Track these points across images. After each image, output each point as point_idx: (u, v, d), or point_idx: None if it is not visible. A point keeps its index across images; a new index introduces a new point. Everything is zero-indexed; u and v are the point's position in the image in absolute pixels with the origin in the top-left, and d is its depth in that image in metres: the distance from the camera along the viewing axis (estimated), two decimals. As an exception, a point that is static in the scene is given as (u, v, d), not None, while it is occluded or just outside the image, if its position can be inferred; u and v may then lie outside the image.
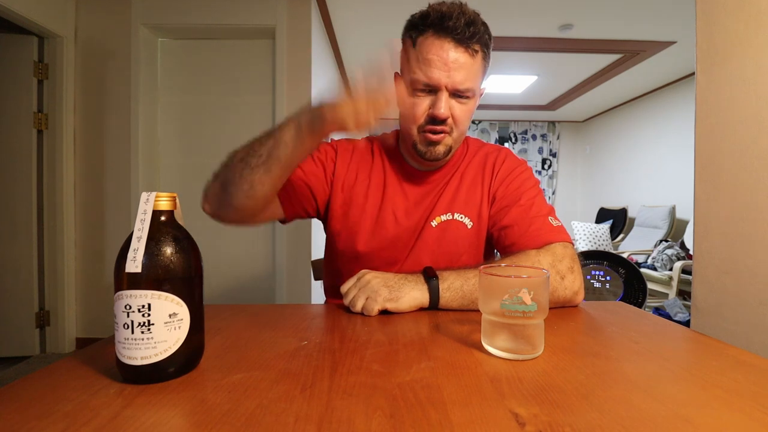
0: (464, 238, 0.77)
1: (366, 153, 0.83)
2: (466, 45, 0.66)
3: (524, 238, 0.69)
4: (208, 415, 0.30)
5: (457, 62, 0.66)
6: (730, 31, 1.05)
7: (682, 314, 2.30)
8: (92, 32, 2.16)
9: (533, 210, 0.72)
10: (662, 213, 3.75)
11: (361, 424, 0.29)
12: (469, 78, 0.67)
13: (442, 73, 0.66)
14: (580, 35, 2.86)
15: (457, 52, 0.65)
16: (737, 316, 1.04)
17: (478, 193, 0.78)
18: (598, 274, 2.27)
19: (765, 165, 0.97)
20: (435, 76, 0.66)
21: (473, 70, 0.68)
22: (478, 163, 0.81)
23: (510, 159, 0.81)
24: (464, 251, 0.77)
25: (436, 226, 0.77)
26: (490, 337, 0.43)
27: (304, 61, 2.17)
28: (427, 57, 0.66)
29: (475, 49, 0.67)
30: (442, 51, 0.66)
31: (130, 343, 0.34)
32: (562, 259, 0.64)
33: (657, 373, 0.38)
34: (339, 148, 0.82)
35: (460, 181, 0.80)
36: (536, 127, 5.75)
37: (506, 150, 0.84)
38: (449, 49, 0.65)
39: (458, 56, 0.66)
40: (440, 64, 0.66)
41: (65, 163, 2.12)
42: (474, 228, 0.77)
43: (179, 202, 0.40)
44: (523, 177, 0.78)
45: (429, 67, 0.66)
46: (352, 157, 0.81)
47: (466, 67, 0.66)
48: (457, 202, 0.78)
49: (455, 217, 0.77)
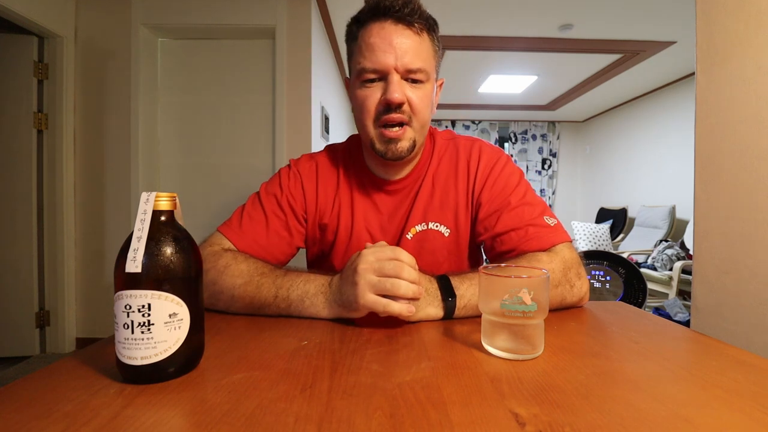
0: (442, 248, 0.73)
1: (330, 169, 0.77)
2: (407, 22, 0.62)
3: (524, 244, 0.65)
4: (208, 415, 0.30)
5: (402, 42, 0.62)
6: (730, 31, 1.05)
7: (682, 314, 2.30)
8: (92, 32, 2.16)
9: (527, 212, 0.67)
10: (662, 213, 3.75)
11: (361, 424, 0.29)
12: (419, 56, 0.63)
13: (388, 55, 0.62)
14: (580, 35, 2.87)
15: (400, 31, 0.62)
16: (737, 316, 1.04)
17: (452, 197, 0.73)
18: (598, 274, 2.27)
19: (765, 165, 0.97)
20: (381, 60, 0.62)
21: (422, 49, 0.64)
22: (449, 161, 0.76)
23: (486, 154, 0.75)
24: (444, 260, 0.74)
25: (412, 238, 0.73)
26: (490, 337, 0.43)
27: (304, 61, 2.17)
28: (369, 42, 0.63)
29: (419, 27, 0.63)
30: (383, 31, 0.62)
31: (130, 343, 0.34)
32: (571, 267, 0.61)
33: (657, 373, 0.38)
34: (302, 173, 0.76)
35: (432, 185, 0.74)
36: (536, 127, 5.75)
37: (479, 143, 0.77)
38: (390, 29, 0.62)
39: (402, 35, 0.62)
40: (384, 45, 0.62)
41: (65, 163, 2.12)
42: (452, 236, 0.73)
43: (179, 202, 0.40)
44: (506, 173, 0.73)
45: (373, 52, 0.62)
46: (317, 178, 0.76)
47: (414, 46, 0.63)
48: (431, 210, 0.73)
49: (430, 226, 0.73)
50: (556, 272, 0.59)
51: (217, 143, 2.29)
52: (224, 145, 2.29)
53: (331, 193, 0.76)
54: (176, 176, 2.31)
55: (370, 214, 0.74)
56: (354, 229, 0.74)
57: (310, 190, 0.75)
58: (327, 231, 0.75)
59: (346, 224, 0.74)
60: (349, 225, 0.74)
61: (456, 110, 5.27)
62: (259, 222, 0.71)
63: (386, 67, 0.62)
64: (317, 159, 0.78)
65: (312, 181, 0.76)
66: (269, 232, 0.71)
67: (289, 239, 0.73)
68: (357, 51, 0.66)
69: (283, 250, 0.72)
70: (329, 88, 2.96)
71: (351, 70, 0.69)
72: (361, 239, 0.73)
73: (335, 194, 0.76)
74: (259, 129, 2.27)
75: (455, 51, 3.23)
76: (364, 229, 0.74)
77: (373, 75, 0.64)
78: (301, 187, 0.75)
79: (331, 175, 0.77)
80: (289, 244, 0.73)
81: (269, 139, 2.25)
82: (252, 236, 0.69)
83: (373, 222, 0.74)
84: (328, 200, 0.75)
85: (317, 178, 0.76)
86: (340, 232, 0.74)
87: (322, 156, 0.79)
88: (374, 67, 0.63)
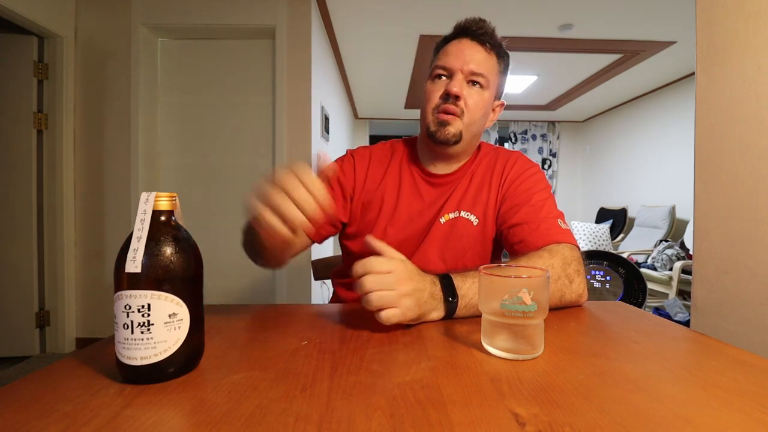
0: (470, 236, 0.79)
1: (383, 158, 0.87)
2: (481, 41, 0.75)
3: (532, 236, 0.70)
4: (208, 415, 0.30)
5: (472, 52, 0.75)
6: (730, 31, 1.05)
7: (682, 314, 2.30)
8: (92, 32, 2.16)
9: (543, 211, 0.73)
10: (662, 213, 3.75)
11: (361, 424, 0.29)
12: (483, 65, 0.75)
13: (458, 59, 0.75)
14: (580, 35, 2.86)
15: (473, 46, 0.75)
16: (737, 316, 1.04)
17: (485, 193, 0.81)
18: (598, 274, 2.27)
19: (765, 165, 0.97)
20: (451, 61, 0.75)
21: (489, 63, 0.76)
22: (488, 163, 0.84)
23: (522, 160, 0.84)
24: (470, 247, 0.79)
25: (445, 223, 0.80)
26: (490, 337, 0.43)
27: (304, 61, 2.17)
28: (447, 50, 0.77)
29: (490, 47, 0.76)
30: (460, 44, 0.76)
31: (129, 344, 0.34)
32: (570, 263, 0.63)
33: (657, 373, 0.38)
34: (356, 157, 0.87)
35: (470, 181, 0.83)
36: (536, 127, 5.75)
37: (517, 154, 0.87)
38: (466, 43, 0.76)
39: (473, 48, 0.75)
40: (457, 53, 0.75)
41: (65, 163, 2.12)
42: (479, 225, 0.80)
43: (179, 202, 0.40)
44: (535, 179, 0.80)
45: (447, 56, 0.76)
46: (369, 164, 0.86)
47: (481, 57, 0.75)
48: (466, 201, 0.81)
49: (462, 214, 0.80)
50: (556, 267, 0.62)
51: (217, 143, 2.29)
52: (224, 145, 2.29)
53: (379, 176, 0.85)
54: (176, 176, 2.31)
55: (414, 200, 0.82)
56: (397, 209, 0.82)
57: (361, 171, 0.85)
58: (371, 208, 0.83)
59: (390, 204, 0.82)
60: (393, 205, 0.82)
61: (456, 110, 5.26)
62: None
63: (453, 67, 0.75)
64: (372, 148, 0.90)
65: (364, 164, 0.86)
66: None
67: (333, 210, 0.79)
68: (435, 58, 0.79)
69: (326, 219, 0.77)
70: (329, 88, 2.96)
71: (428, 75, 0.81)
72: (400, 220, 0.81)
73: (382, 177, 0.84)
74: (259, 129, 2.27)
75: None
76: (405, 211, 0.81)
77: (442, 71, 0.76)
78: (353, 169, 0.85)
79: (383, 162, 0.87)
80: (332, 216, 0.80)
81: (269, 139, 2.25)
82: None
83: (416, 207, 0.82)
84: (375, 181, 0.84)
85: (369, 163, 0.86)
86: (383, 210, 0.82)
87: (377, 146, 0.90)
88: (444, 65, 0.76)
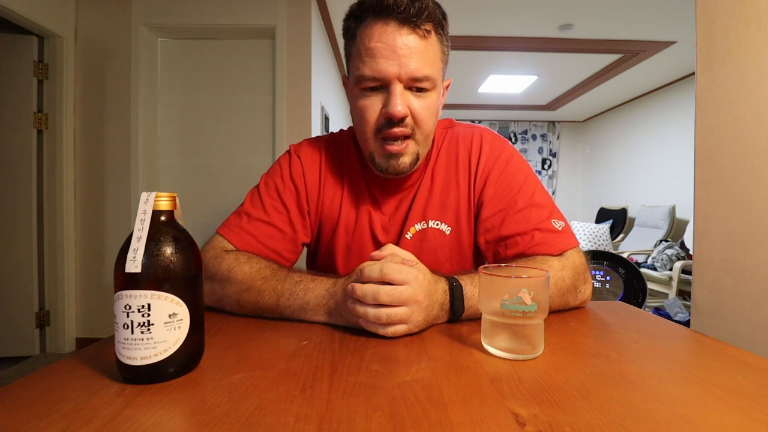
0: (444, 247, 0.69)
1: (334, 160, 0.72)
2: (414, 24, 0.55)
3: (533, 249, 0.61)
4: (208, 415, 0.30)
5: (406, 46, 0.55)
6: (730, 31, 1.05)
7: (682, 314, 2.30)
8: (92, 32, 2.16)
9: (534, 215, 0.63)
10: (662, 213, 3.75)
11: (361, 424, 0.29)
12: (425, 63, 0.57)
13: (391, 62, 0.55)
14: (580, 35, 2.87)
15: (404, 34, 0.55)
16: (737, 316, 1.04)
17: (453, 194, 0.69)
18: (598, 274, 2.27)
19: (765, 165, 0.97)
20: (382, 67, 0.56)
21: (429, 54, 0.57)
22: (447, 153, 0.70)
23: (487, 145, 0.69)
24: (446, 259, 0.70)
25: (412, 237, 0.69)
26: (490, 337, 0.43)
27: (304, 61, 2.17)
28: (370, 46, 0.56)
29: (426, 29, 0.57)
30: (385, 35, 0.55)
31: (129, 344, 0.34)
32: (581, 273, 0.60)
33: (657, 373, 0.38)
34: (304, 160, 0.71)
35: (432, 181, 0.70)
36: (536, 127, 5.75)
37: (479, 131, 0.72)
38: (394, 31, 0.55)
39: (406, 39, 0.55)
40: (386, 51, 0.55)
41: (65, 163, 2.12)
42: (453, 234, 0.69)
43: (179, 202, 0.40)
44: (511, 169, 0.67)
45: (373, 58, 0.56)
46: (320, 172, 0.71)
47: (419, 51, 0.56)
48: (432, 207, 0.69)
49: (430, 224, 0.69)
50: (566, 280, 0.57)
51: (217, 143, 2.29)
52: (224, 145, 2.29)
53: (333, 187, 0.71)
54: (176, 176, 2.31)
55: (374, 213, 0.71)
56: (358, 224, 0.70)
57: (312, 179, 0.70)
58: (325, 226, 0.72)
59: (349, 219, 0.70)
60: (352, 220, 0.70)
61: (456, 110, 5.27)
62: (259, 219, 0.67)
63: (388, 76, 0.56)
64: (320, 149, 0.73)
65: (315, 171, 0.71)
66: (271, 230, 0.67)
67: (292, 236, 0.69)
68: (355, 54, 0.59)
69: (287, 247, 0.68)
70: (329, 88, 2.96)
71: (349, 72, 0.64)
72: (363, 237, 0.70)
73: (339, 184, 0.71)
74: (259, 129, 2.27)
75: (455, 51, 3.22)
76: (366, 227, 0.70)
77: (374, 83, 0.58)
78: (303, 176, 0.70)
79: (334, 169, 0.72)
80: (293, 241, 0.69)
81: (269, 139, 2.26)
82: (253, 236, 0.65)
83: (377, 221, 0.70)
84: (329, 195, 0.71)
85: (321, 169, 0.71)
86: (341, 227, 0.70)
87: (325, 145, 0.74)
88: (374, 75, 0.57)
